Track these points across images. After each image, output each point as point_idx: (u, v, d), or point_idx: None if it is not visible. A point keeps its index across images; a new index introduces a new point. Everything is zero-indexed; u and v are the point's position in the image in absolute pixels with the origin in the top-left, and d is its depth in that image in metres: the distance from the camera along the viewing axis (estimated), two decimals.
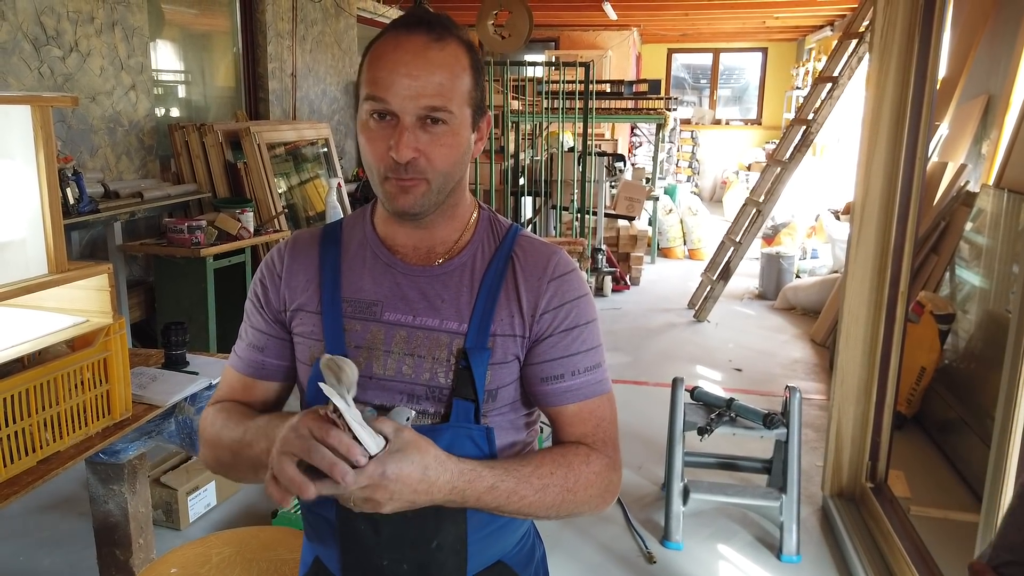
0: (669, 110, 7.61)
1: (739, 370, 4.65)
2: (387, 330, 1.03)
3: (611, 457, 1.04)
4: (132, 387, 1.66)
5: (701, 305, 5.74)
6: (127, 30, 4.32)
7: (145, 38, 4.49)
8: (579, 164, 5.64)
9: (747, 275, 6.74)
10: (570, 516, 1.03)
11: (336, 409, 0.83)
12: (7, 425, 1.36)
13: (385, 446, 0.86)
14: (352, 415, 0.83)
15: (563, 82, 5.68)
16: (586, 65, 5.34)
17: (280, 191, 4.96)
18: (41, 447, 1.43)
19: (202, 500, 2.89)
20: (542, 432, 1.23)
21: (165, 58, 5.01)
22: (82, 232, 4.05)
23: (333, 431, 0.82)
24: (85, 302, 1.51)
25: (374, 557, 1.01)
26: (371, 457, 0.84)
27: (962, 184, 4.21)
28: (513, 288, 1.04)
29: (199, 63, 5.41)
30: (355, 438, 0.83)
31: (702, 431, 2.72)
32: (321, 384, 0.84)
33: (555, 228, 6.15)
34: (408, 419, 0.91)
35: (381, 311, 1.03)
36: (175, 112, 5.14)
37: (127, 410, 1.61)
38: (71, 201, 3.65)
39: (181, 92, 5.27)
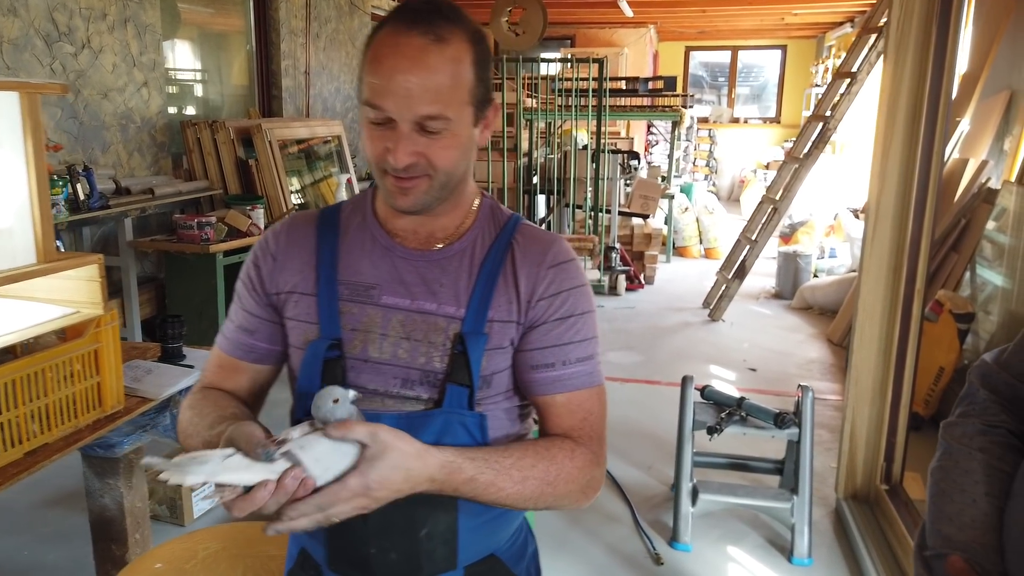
0: (685, 108, 7.54)
1: (753, 370, 4.58)
2: (384, 313, 1.01)
3: (595, 452, 1.02)
4: (126, 380, 1.64)
5: (716, 304, 5.67)
6: (139, 27, 4.34)
7: (158, 35, 4.51)
8: (593, 162, 5.59)
9: (764, 274, 6.66)
10: (549, 508, 1.01)
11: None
12: None
13: (361, 452, 0.83)
14: (307, 456, 0.81)
15: (576, 79, 5.63)
16: (599, 61, 5.29)
17: (294, 189, 4.96)
18: (28, 439, 1.41)
19: (207, 496, 2.87)
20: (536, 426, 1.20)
21: (178, 55, 5.02)
22: (93, 228, 4.07)
23: (238, 507, 0.80)
24: (76, 293, 1.50)
25: (361, 546, 0.99)
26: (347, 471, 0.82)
27: (983, 181, 4.12)
28: (512, 274, 1.02)
29: (212, 61, 5.42)
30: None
31: (711, 430, 2.67)
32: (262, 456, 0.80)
33: (568, 226, 6.10)
34: (335, 400, 0.85)
35: (379, 294, 1.02)
36: (189, 110, 5.16)
37: (119, 403, 1.59)
38: (81, 197, 3.66)
39: (194, 90, 5.28)
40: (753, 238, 5.74)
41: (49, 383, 1.43)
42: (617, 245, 6.10)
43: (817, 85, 10.13)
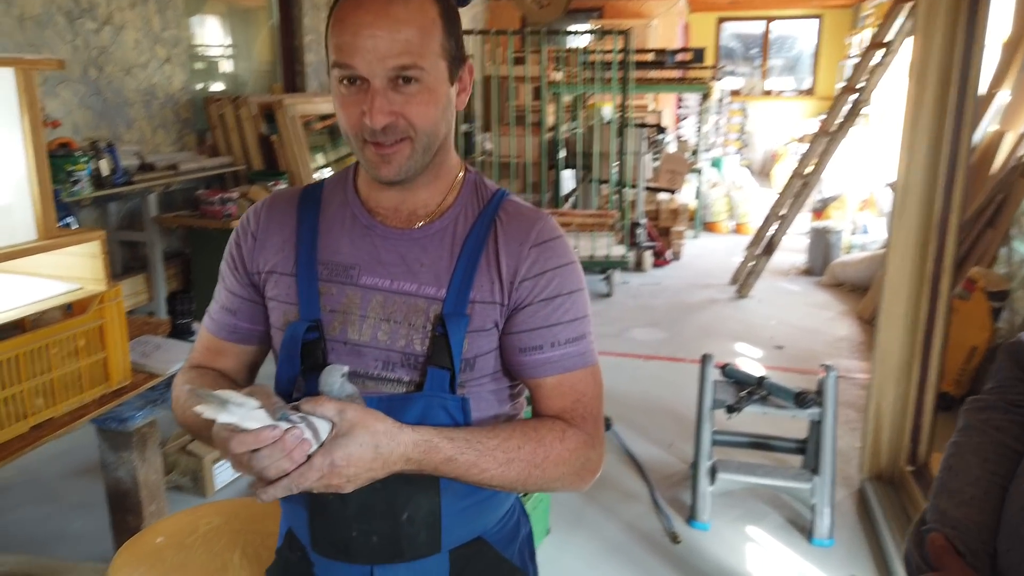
0: (714, 80, 7.38)
1: (780, 348, 4.51)
2: (363, 294, 0.99)
3: (590, 434, 0.99)
4: (134, 355, 1.65)
5: (744, 281, 5.58)
6: (161, 3, 4.34)
7: (179, 11, 4.50)
8: (618, 136, 5.50)
9: (794, 250, 6.54)
10: (542, 491, 0.98)
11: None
12: None
13: (331, 430, 0.82)
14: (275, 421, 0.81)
15: (600, 52, 5.53)
16: (624, 33, 5.18)
17: (319, 165, 4.96)
18: (33, 413, 1.42)
19: (228, 468, 2.91)
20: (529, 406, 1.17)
21: (201, 31, 5.02)
22: (120, 204, 4.10)
23: (232, 443, 0.80)
24: (80, 269, 1.50)
25: (343, 528, 0.98)
26: (316, 448, 0.82)
27: (1021, 155, 3.97)
28: (494, 253, 0.98)
29: (236, 36, 5.41)
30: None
31: (731, 409, 2.63)
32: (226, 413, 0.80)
33: (594, 201, 6.03)
34: (343, 375, 0.88)
35: (358, 275, 0.99)
36: (214, 85, 5.16)
37: (126, 378, 1.60)
38: (105, 173, 3.69)
39: (218, 65, 5.28)
40: (782, 213, 5.62)
41: (54, 358, 1.44)
42: (643, 221, 6.02)
43: (852, 56, 9.85)
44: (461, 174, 1.04)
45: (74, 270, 1.51)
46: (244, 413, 0.80)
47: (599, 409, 1.01)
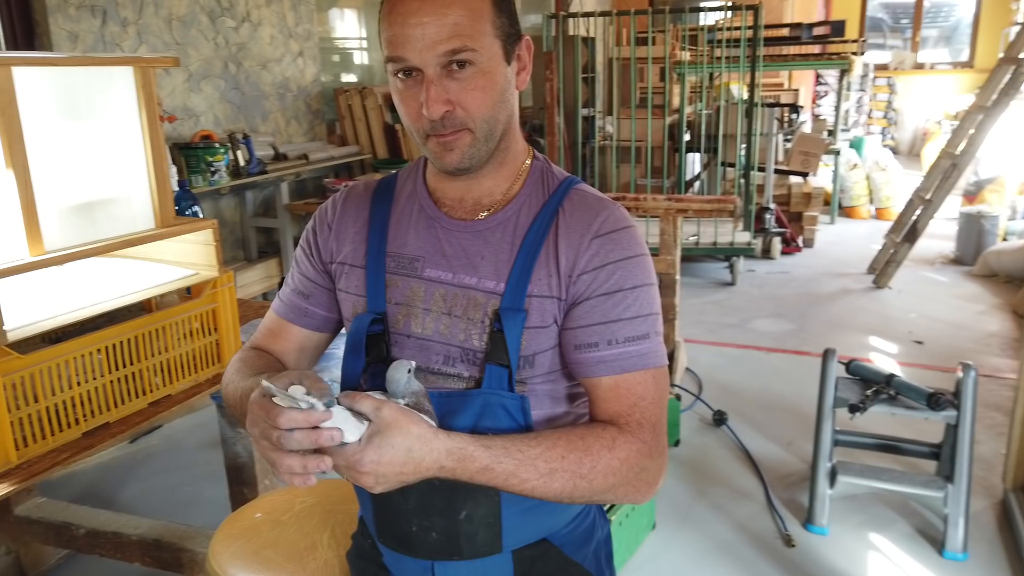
0: (855, 54, 6.91)
1: (920, 343, 4.19)
2: (427, 287, 0.98)
3: (647, 442, 0.92)
4: (244, 337, 1.74)
5: (882, 270, 5.22)
6: None
7: (312, 6, 4.70)
8: (746, 116, 5.27)
9: (941, 237, 6.05)
10: (592, 503, 0.93)
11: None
12: (119, 368, 1.47)
13: (368, 427, 0.82)
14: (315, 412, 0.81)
15: (727, 29, 5.30)
16: (754, 8, 4.94)
17: None
18: (152, 390, 1.53)
19: None
20: None
21: (332, 25, 5.22)
22: (256, 192, 4.36)
23: (281, 417, 0.79)
24: (195, 256, 1.60)
25: (404, 523, 0.99)
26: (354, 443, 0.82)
27: None
28: (553, 245, 0.95)
29: (364, 28, 5.59)
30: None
31: (853, 409, 2.46)
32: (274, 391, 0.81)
33: (719, 186, 5.82)
34: (409, 371, 0.87)
35: (422, 267, 0.99)
36: (345, 77, 5.36)
37: None
38: (241, 163, 3.93)
39: (348, 57, 5.49)
40: (928, 197, 5.21)
41: (170, 339, 1.55)
42: (772, 205, 5.75)
43: (1018, 23, 8.95)
44: (528, 161, 1.02)
45: (190, 257, 1.61)
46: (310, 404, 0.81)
47: (659, 415, 0.95)
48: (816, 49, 7.31)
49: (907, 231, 5.22)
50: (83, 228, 1.43)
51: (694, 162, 6.46)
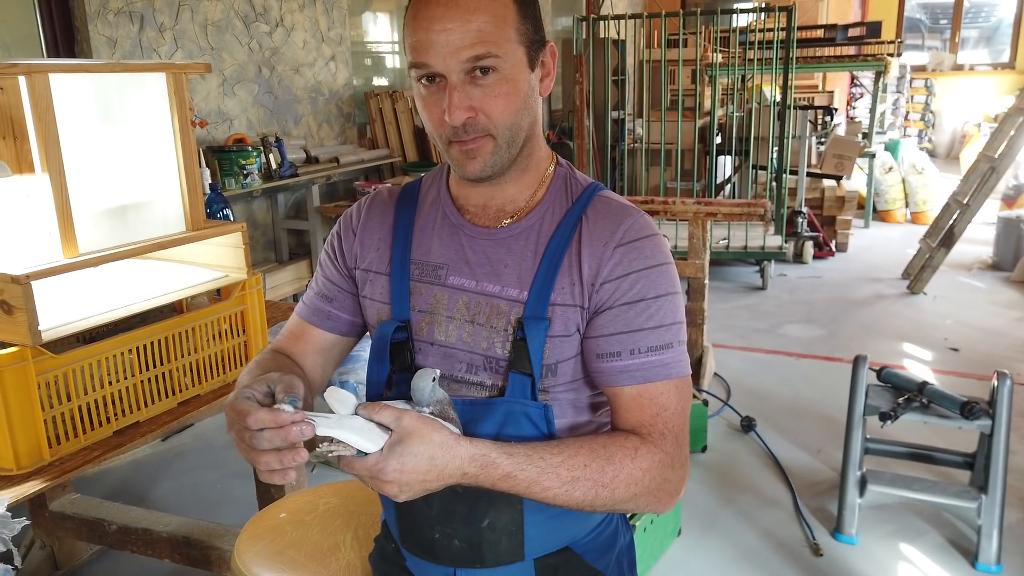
0: (891, 55, 6.80)
1: (955, 350, 4.11)
2: (450, 295, 0.99)
3: (669, 453, 0.92)
4: (272, 339, 1.77)
5: (917, 275, 5.12)
6: (327, 3, 4.60)
7: (344, 10, 4.76)
8: (779, 119, 5.21)
9: (979, 242, 5.93)
10: (613, 512, 0.93)
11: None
12: (149, 368, 1.50)
13: (389, 437, 0.83)
14: (333, 423, 0.82)
15: (759, 30, 5.25)
16: (787, 10, 4.89)
17: None
18: (181, 390, 1.56)
19: None
20: None
21: (364, 29, 5.28)
22: (287, 195, 4.41)
23: (249, 418, 0.80)
24: (225, 258, 1.63)
25: (426, 529, 0.99)
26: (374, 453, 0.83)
27: None
28: (576, 253, 0.95)
29: (395, 32, 5.64)
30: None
31: (884, 417, 2.42)
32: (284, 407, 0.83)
33: (750, 189, 5.77)
34: (434, 379, 0.88)
35: (446, 275, 0.99)
36: (377, 81, 5.41)
37: None
38: (273, 166, 3.98)
39: (380, 61, 5.53)
40: (965, 201, 5.10)
41: (200, 340, 1.58)
42: (805, 209, 5.68)
43: None
44: (552, 167, 1.01)
45: (220, 259, 1.64)
46: (342, 422, 0.83)
47: (682, 426, 0.94)
48: (851, 50, 7.20)
49: (943, 236, 5.12)
50: (116, 231, 1.46)
51: (725, 165, 6.40)
